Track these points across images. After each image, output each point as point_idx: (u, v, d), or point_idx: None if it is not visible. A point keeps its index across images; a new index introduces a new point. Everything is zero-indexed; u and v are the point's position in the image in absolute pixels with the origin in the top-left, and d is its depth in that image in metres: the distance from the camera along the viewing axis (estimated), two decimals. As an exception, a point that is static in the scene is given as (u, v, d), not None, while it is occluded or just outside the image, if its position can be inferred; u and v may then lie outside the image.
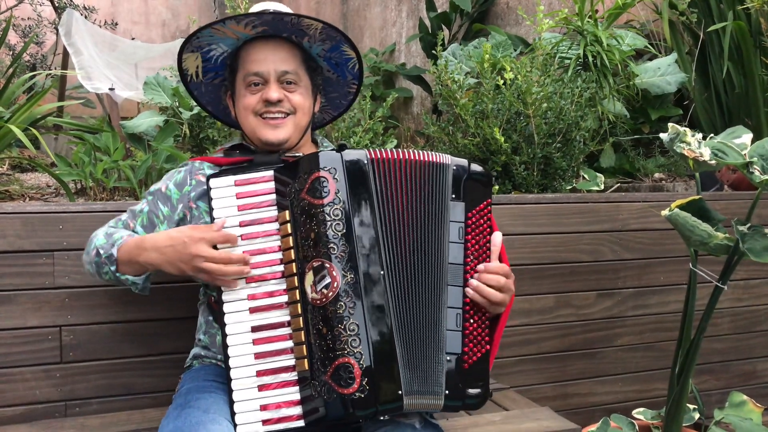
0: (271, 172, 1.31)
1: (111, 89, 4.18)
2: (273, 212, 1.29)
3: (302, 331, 1.23)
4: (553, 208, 2.13)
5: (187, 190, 1.46)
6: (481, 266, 1.30)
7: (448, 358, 1.26)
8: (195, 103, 2.70)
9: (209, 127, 2.76)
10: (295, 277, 1.25)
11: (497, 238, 1.34)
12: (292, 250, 1.25)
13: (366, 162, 1.28)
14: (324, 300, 1.21)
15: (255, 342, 1.25)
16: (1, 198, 2.75)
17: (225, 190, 1.30)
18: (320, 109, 1.62)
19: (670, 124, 1.65)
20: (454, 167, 1.33)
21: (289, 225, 1.26)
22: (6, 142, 2.66)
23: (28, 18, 5.36)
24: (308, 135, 1.54)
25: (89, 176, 2.64)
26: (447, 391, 1.25)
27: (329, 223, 1.22)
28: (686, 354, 1.71)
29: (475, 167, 1.35)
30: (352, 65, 1.56)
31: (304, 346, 1.23)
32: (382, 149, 1.30)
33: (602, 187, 2.62)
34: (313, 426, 1.22)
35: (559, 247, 2.13)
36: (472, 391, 1.27)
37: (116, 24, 5.83)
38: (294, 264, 1.25)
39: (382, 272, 1.24)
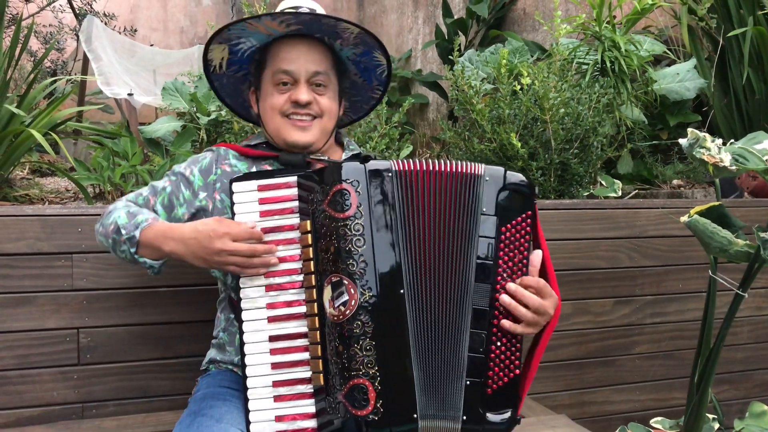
0: (294, 178, 1.27)
1: (130, 95, 4.23)
2: (295, 220, 1.26)
3: (319, 346, 1.21)
4: (571, 214, 2.12)
5: (212, 179, 1.43)
6: (512, 285, 1.21)
7: (468, 382, 1.20)
8: (214, 96, 2.72)
9: (226, 132, 2.78)
10: (314, 290, 1.22)
11: (537, 256, 1.25)
12: (312, 262, 1.23)
13: (390, 174, 1.22)
14: (341, 317, 1.18)
15: (272, 352, 1.23)
16: (21, 201, 2.78)
17: (248, 195, 1.28)
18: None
19: (689, 130, 1.63)
20: (488, 178, 1.24)
21: (309, 236, 1.24)
22: (27, 146, 2.70)
23: (50, 24, 5.44)
24: (333, 138, 1.53)
25: (107, 181, 2.67)
26: (464, 417, 1.20)
27: (349, 238, 1.19)
28: (705, 363, 1.68)
29: (513, 177, 1.25)
30: (380, 71, 1.54)
31: (321, 361, 1.21)
32: (409, 160, 1.24)
33: (620, 193, 2.60)
34: None
35: (577, 253, 2.12)
36: (493, 417, 1.21)
37: (135, 30, 5.90)
38: (313, 276, 1.23)
39: (402, 291, 1.20)
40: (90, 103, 4.86)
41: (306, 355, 1.23)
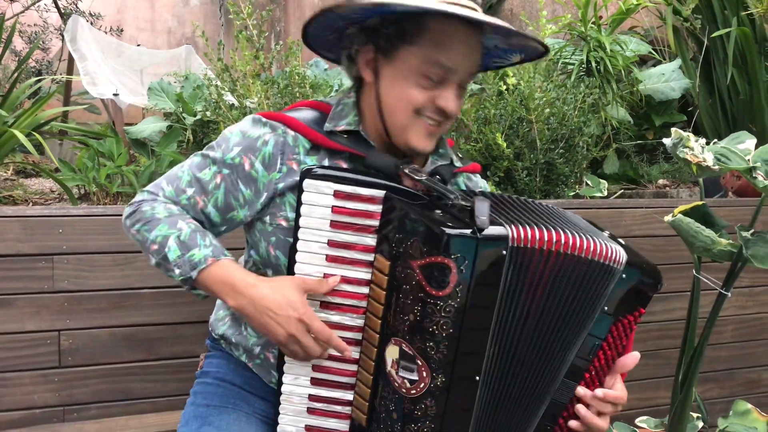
0: (382, 194, 1.05)
1: (115, 95, 4.21)
2: (371, 240, 1.06)
3: (369, 390, 1.09)
4: (556, 214, 2.12)
5: (275, 177, 1.15)
6: (600, 392, 1.08)
7: None
8: (200, 96, 2.60)
9: (212, 133, 2.76)
10: (377, 336, 1.06)
11: (632, 359, 1.11)
12: (382, 308, 1.05)
13: (504, 252, 0.99)
14: (404, 391, 1.04)
15: (315, 368, 1.11)
16: (4, 203, 2.75)
17: (321, 197, 1.06)
18: None
19: (673, 130, 1.64)
20: (624, 275, 1.05)
21: (386, 281, 1.04)
22: (10, 147, 2.67)
23: (35, 24, 5.39)
24: None
25: (92, 181, 2.65)
26: None
27: (436, 320, 1.00)
28: (690, 362, 1.69)
29: (649, 274, 1.08)
30: (492, 64, 1.28)
31: (367, 405, 1.10)
32: (531, 228, 1.01)
33: (605, 193, 2.61)
34: None
35: (562, 253, 2.12)
36: None
37: (122, 30, 5.86)
38: (379, 322, 1.06)
39: (477, 378, 1.04)
40: (75, 104, 4.82)
41: (352, 380, 1.11)
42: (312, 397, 1.11)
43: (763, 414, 1.92)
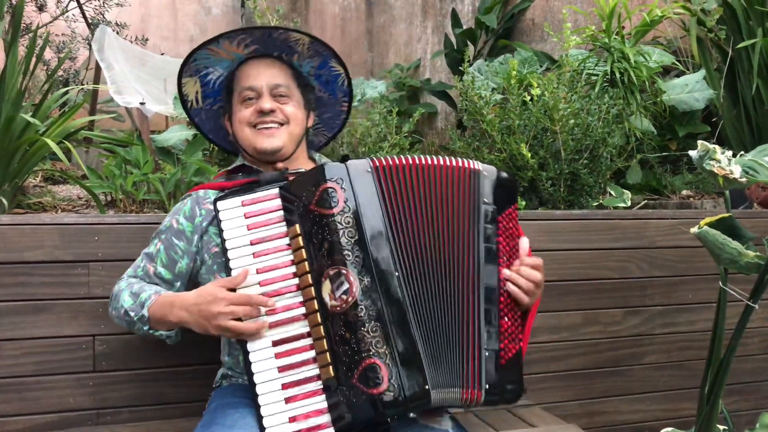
0: (276, 190, 1.36)
1: (142, 103, 4.26)
2: (282, 228, 1.33)
3: (324, 339, 1.26)
4: (580, 225, 2.13)
5: (198, 221, 1.49)
6: (517, 261, 1.39)
7: (487, 353, 1.31)
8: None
9: (237, 142, 2.80)
10: (312, 288, 1.28)
11: (525, 242, 1.43)
12: (306, 262, 1.29)
13: (369, 170, 1.33)
14: (344, 306, 1.25)
15: (277, 356, 1.28)
16: (34, 209, 2.81)
17: (233, 211, 1.35)
18: (316, 130, 1.70)
19: (699, 142, 1.64)
20: (486, 173, 1.40)
21: (300, 238, 1.30)
22: (41, 155, 2.73)
23: (62, 34, 5.49)
24: (303, 149, 1.60)
25: (119, 189, 2.70)
26: (487, 386, 1.30)
27: (341, 231, 1.27)
28: (716, 373, 1.69)
29: (502, 174, 1.43)
30: (341, 82, 1.64)
31: (328, 353, 1.25)
32: (387, 157, 1.36)
33: (629, 203, 2.60)
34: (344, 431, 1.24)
35: (586, 263, 2.12)
36: (509, 386, 1.32)
37: (146, 39, 5.94)
38: (309, 275, 1.29)
39: (396, 273, 1.28)
40: (101, 112, 4.90)
41: (311, 354, 1.28)
42: (285, 386, 1.26)
43: (790, 427, 1.91)
